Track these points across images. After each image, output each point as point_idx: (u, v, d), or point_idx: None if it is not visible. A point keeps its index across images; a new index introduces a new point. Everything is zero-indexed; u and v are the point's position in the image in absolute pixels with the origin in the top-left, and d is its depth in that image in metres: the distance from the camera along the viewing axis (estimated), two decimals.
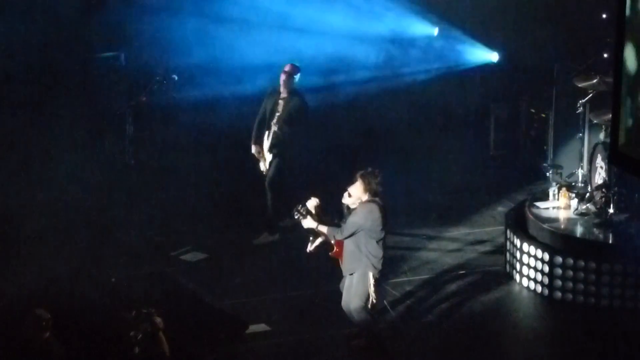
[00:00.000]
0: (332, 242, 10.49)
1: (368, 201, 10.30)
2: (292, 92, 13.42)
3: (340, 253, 10.51)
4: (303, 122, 13.47)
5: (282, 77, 13.44)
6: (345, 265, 10.48)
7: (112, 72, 16.03)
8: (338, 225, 10.45)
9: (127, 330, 8.92)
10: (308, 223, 10.48)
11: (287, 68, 13.50)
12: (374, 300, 10.42)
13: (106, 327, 9.98)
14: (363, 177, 10.30)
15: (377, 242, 10.30)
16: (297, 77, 13.50)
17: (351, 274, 10.41)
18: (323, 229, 10.46)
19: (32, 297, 10.64)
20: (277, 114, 13.36)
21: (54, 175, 14.78)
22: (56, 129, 15.51)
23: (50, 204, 13.83)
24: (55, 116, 15.66)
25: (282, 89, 13.46)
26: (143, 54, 15.99)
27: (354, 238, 10.32)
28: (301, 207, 10.49)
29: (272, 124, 13.33)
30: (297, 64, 13.60)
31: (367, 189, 10.29)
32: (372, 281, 10.34)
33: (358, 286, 10.34)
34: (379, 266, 10.37)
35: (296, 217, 10.50)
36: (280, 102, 13.41)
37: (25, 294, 11.06)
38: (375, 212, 10.25)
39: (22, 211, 13.55)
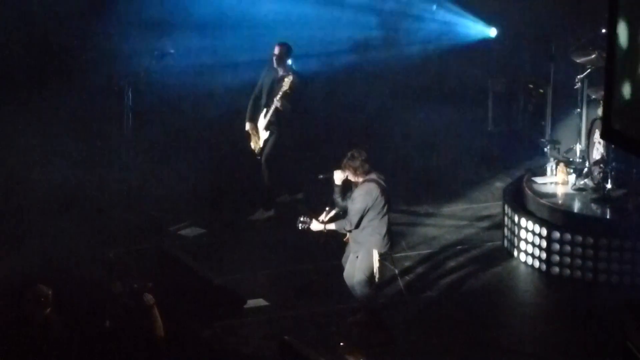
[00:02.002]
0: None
1: (364, 182, 10.33)
2: (289, 70, 13.25)
3: None
4: (303, 98, 13.38)
5: (274, 59, 13.26)
6: (353, 245, 10.51)
7: (109, 48, 16.03)
8: (340, 212, 10.51)
9: (109, 304, 8.91)
10: (315, 227, 10.55)
11: (276, 50, 13.26)
12: (377, 276, 10.45)
13: (98, 302, 9.97)
14: (347, 165, 10.34)
15: (380, 218, 10.33)
16: (289, 57, 13.24)
17: (357, 254, 10.43)
18: (331, 226, 10.53)
19: (31, 273, 10.63)
20: (279, 89, 13.13)
21: (52, 152, 14.76)
22: (53, 105, 15.49)
23: (48, 181, 13.82)
24: (52, 92, 15.64)
25: (277, 68, 13.35)
26: (140, 30, 15.96)
27: None
28: (303, 217, 10.57)
29: (275, 99, 13.11)
30: (285, 43, 13.31)
31: (357, 171, 10.32)
32: (376, 257, 10.38)
33: (362, 261, 10.37)
34: (385, 242, 10.39)
35: (301, 228, 10.57)
36: (279, 78, 13.22)
37: (25, 270, 11.05)
38: (373, 191, 10.27)
39: (19, 188, 13.55)
